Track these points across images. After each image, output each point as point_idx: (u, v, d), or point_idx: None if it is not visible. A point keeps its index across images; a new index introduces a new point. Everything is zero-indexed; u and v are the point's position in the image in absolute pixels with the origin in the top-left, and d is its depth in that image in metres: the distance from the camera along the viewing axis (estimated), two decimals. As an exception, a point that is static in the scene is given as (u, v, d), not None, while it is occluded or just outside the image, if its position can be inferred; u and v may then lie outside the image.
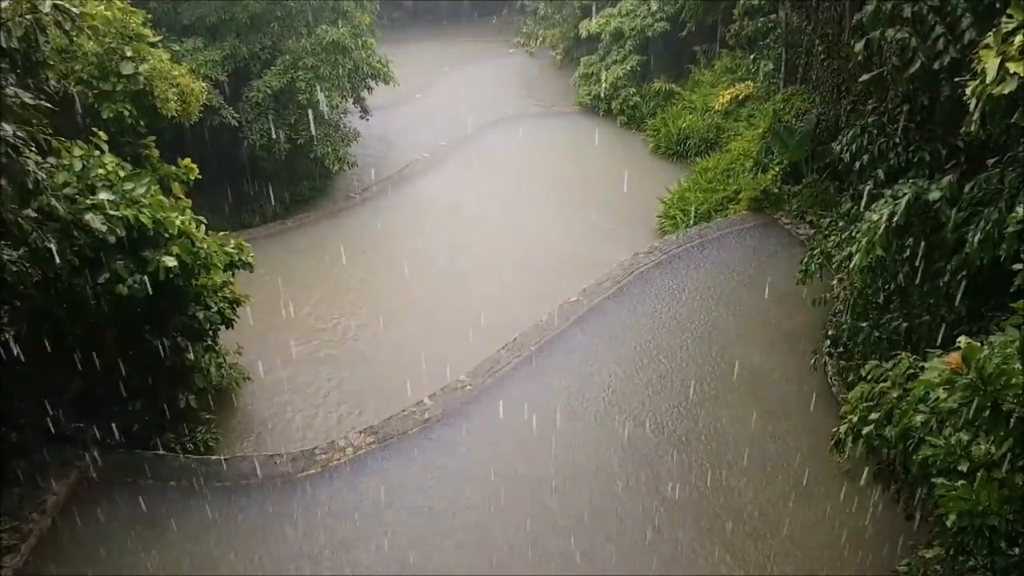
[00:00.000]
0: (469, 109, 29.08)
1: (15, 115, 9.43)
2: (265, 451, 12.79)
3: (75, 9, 9.80)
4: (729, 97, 22.88)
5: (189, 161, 14.13)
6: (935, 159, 11.50)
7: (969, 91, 8.74)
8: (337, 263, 19.33)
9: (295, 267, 19.07)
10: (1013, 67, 8.31)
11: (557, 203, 21.82)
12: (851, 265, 10.01)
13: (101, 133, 12.24)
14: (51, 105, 10.27)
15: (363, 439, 12.81)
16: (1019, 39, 8.35)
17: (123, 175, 11.61)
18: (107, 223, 10.50)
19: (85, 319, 11.25)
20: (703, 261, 17.08)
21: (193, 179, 14.02)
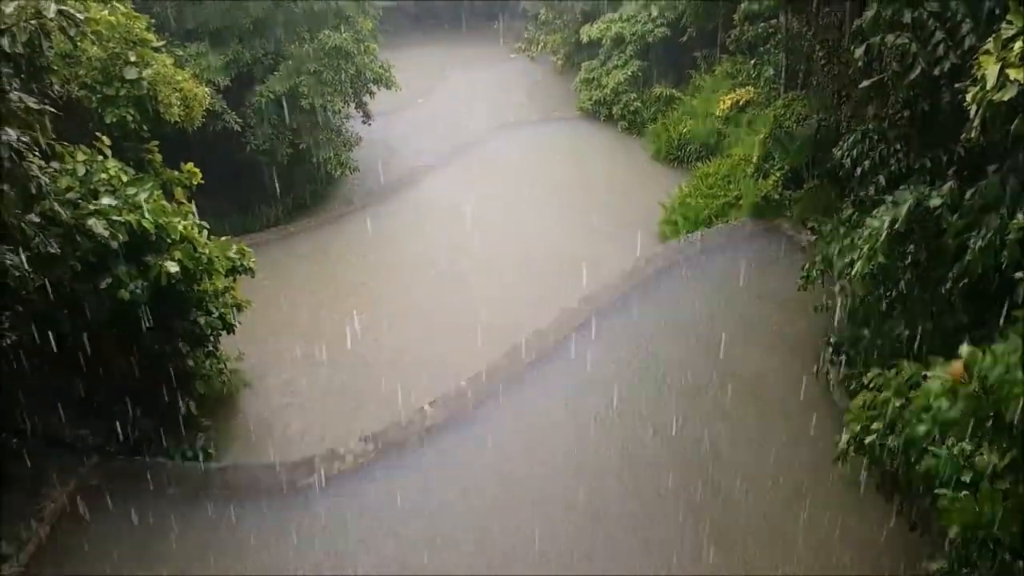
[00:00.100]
0: (471, 114, 29.15)
1: (19, 120, 9.44)
2: (265, 458, 12.77)
3: (80, 15, 9.85)
4: (730, 102, 22.90)
5: (192, 166, 14.18)
6: (936, 165, 11.49)
7: (969, 97, 8.74)
8: (339, 267, 19.35)
9: (297, 271, 19.09)
10: (1013, 73, 8.31)
11: (558, 208, 21.83)
12: (853, 272, 10.00)
13: (104, 138, 12.27)
14: (55, 110, 10.29)
15: (363, 447, 12.79)
16: (1019, 45, 8.35)
17: (126, 180, 11.64)
18: (109, 228, 10.52)
19: (86, 324, 11.26)
20: (704, 267, 17.08)
21: (196, 184, 14.08)
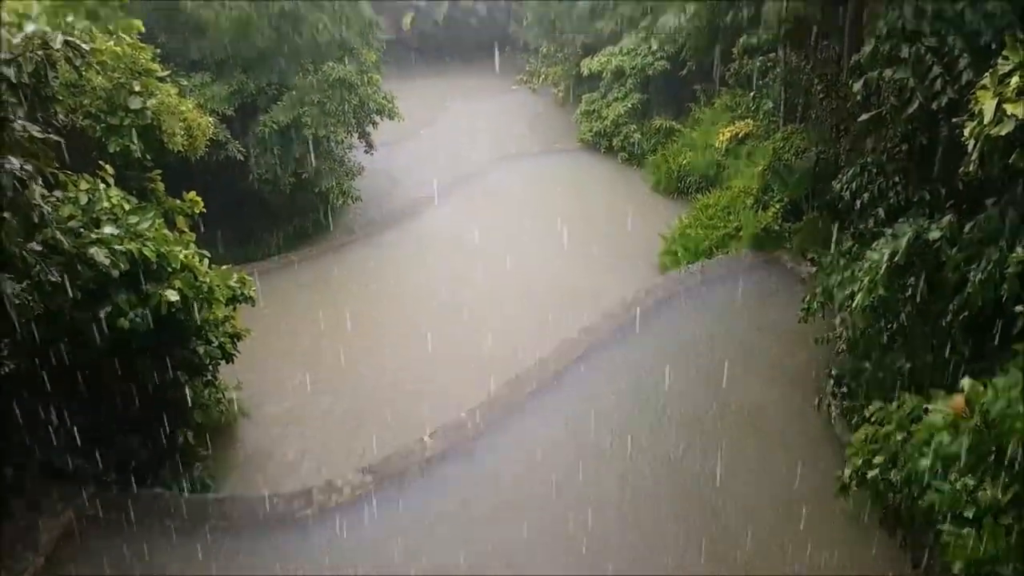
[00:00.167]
0: (472, 145, 29.35)
1: (23, 148, 9.51)
2: (263, 489, 12.63)
3: (86, 45, 9.97)
4: (729, 135, 23.07)
5: (194, 195, 14.23)
6: (935, 198, 11.57)
7: (967, 132, 8.83)
8: (340, 296, 19.34)
9: (298, 300, 19.08)
10: (1010, 108, 8.40)
11: (559, 239, 21.85)
12: (853, 304, 10.01)
13: (107, 166, 12.33)
14: (59, 138, 10.37)
15: (362, 479, 12.67)
16: (1015, 81, 8.45)
17: (128, 209, 11.67)
18: (111, 257, 10.53)
19: (85, 353, 11.23)
20: (704, 298, 17.07)
21: (198, 213, 14.13)
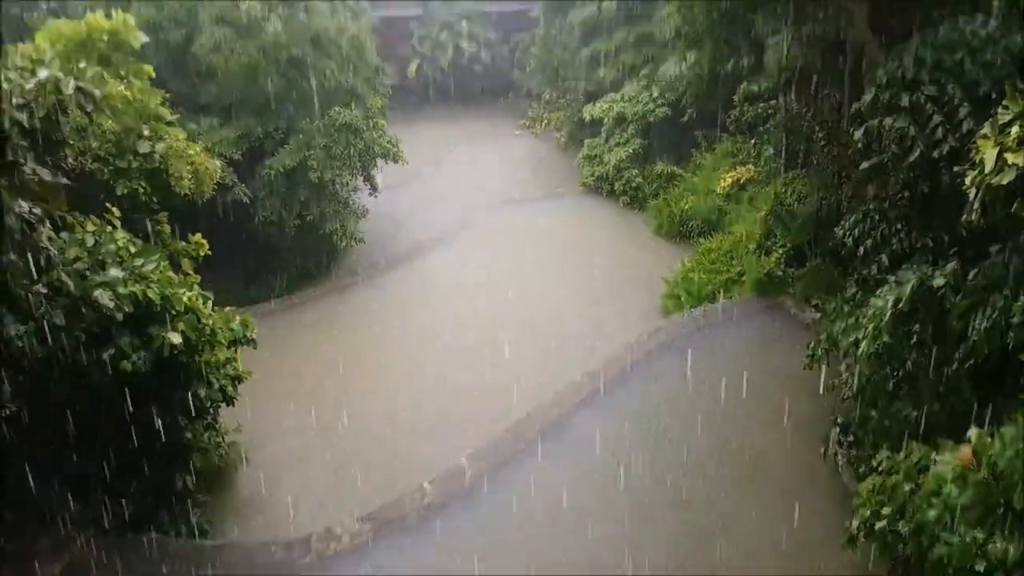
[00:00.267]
0: (476, 188, 29.60)
1: (32, 192, 9.61)
2: (261, 536, 12.46)
3: (97, 91, 10.12)
4: (731, 180, 23.25)
5: (199, 237, 14.32)
6: (938, 245, 11.59)
7: (968, 181, 8.88)
8: (343, 338, 19.31)
9: (301, 341, 19.06)
10: (1011, 158, 8.46)
11: (562, 282, 21.93)
12: (858, 351, 9.96)
13: (115, 209, 12.43)
14: (68, 182, 10.47)
15: (360, 526, 12.48)
16: (1016, 130, 8.53)
17: (134, 251, 11.73)
18: (115, 300, 10.54)
19: (85, 395, 11.18)
20: (709, 344, 17.00)
21: (203, 255, 14.19)
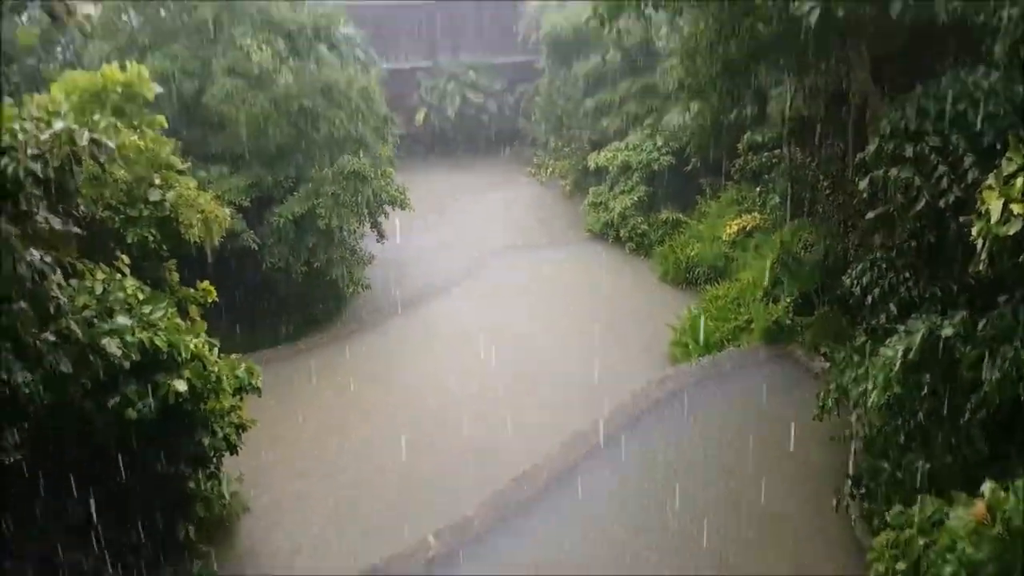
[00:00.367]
0: (482, 236, 29.75)
1: (43, 241, 9.70)
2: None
3: (111, 143, 10.28)
4: (736, 227, 23.33)
5: (207, 284, 14.40)
6: (947, 294, 11.56)
7: (975, 231, 8.91)
8: (346, 387, 19.21)
9: (304, 389, 18.97)
10: (1017, 208, 8.50)
11: (567, 329, 21.88)
12: (868, 402, 9.88)
13: (124, 256, 12.52)
14: (79, 231, 10.57)
15: (364, 581, 12.29)
16: (1021, 181, 8.58)
17: (142, 298, 11.77)
18: (123, 348, 10.56)
19: (88, 443, 11.11)
20: (716, 392, 16.87)
21: (210, 302, 14.24)
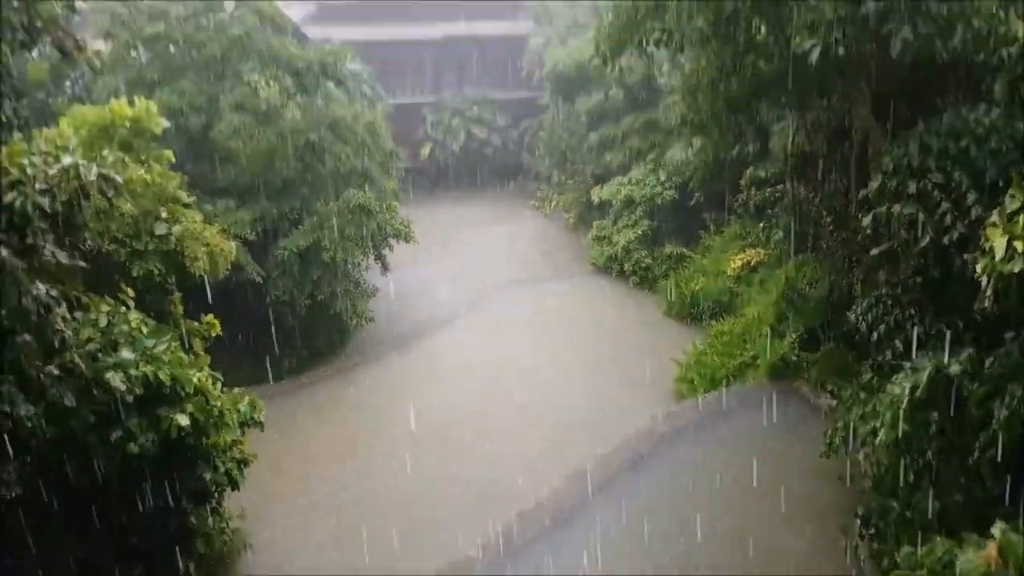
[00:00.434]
0: (485, 269, 29.82)
1: (49, 274, 9.72)
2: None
3: (118, 178, 10.35)
4: (740, 262, 23.34)
5: (211, 317, 14.37)
6: (953, 331, 11.50)
7: (979, 268, 8.89)
8: (349, 421, 19.12)
9: (306, 424, 18.85)
10: (1021, 246, 8.49)
11: (572, 363, 21.79)
12: (876, 440, 9.78)
13: (129, 289, 12.53)
14: (85, 265, 10.60)
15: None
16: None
17: (146, 332, 11.76)
18: (126, 382, 10.51)
19: (89, 477, 11.01)
20: (722, 429, 16.71)
21: (214, 335, 14.21)
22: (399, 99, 39.37)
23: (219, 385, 12.46)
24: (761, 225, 23.32)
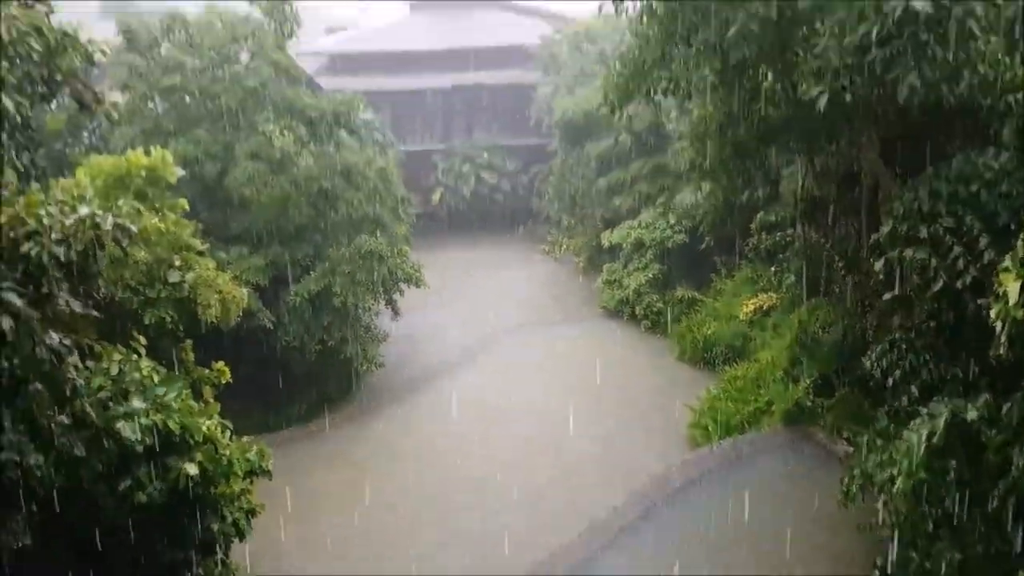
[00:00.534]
0: (496, 313, 29.79)
1: (63, 323, 9.77)
2: None
3: (133, 227, 10.46)
4: (753, 307, 23.22)
5: (222, 364, 14.39)
6: (968, 376, 11.35)
7: (993, 314, 8.79)
8: (357, 470, 18.95)
9: (314, 473, 18.69)
10: (1035, 291, 8.40)
11: (584, 409, 21.57)
12: (894, 489, 9.59)
13: (141, 337, 12.58)
14: (98, 314, 10.65)
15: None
16: (1036, 263, 8.52)
17: (157, 380, 11.76)
18: (137, 432, 10.48)
19: (95, 528, 10.92)
20: (737, 477, 16.42)
21: (224, 383, 14.21)
22: (410, 146, 39.98)
23: (228, 433, 12.40)
24: (772, 269, 23.25)
